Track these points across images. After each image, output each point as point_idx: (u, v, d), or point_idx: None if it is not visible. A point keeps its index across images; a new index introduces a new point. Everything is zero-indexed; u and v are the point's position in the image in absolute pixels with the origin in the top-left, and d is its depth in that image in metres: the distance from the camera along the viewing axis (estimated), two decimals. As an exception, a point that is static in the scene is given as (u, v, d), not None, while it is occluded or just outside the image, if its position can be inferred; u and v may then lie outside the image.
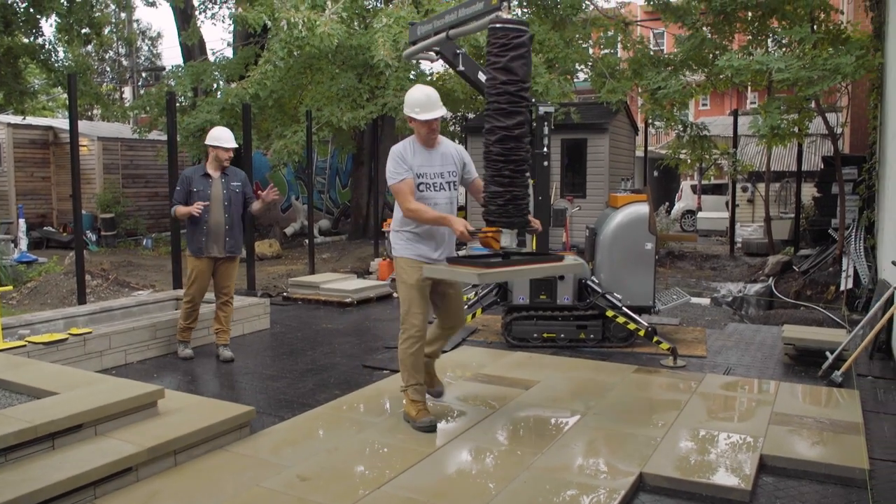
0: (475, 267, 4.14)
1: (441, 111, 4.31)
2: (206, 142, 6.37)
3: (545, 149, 6.91)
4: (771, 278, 11.25)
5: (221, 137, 6.32)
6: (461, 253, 5.04)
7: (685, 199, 23.35)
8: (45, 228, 16.51)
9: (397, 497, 3.48)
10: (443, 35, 5.54)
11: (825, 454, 4.05)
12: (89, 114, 23.94)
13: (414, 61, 10.48)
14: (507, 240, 4.34)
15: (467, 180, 4.65)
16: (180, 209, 6.22)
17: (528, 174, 4.54)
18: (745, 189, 19.15)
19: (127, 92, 27.29)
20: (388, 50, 9.96)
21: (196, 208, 6.10)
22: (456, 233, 4.25)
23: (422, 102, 4.27)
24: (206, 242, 6.26)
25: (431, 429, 4.33)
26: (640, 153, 17.82)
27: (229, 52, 16.16)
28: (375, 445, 4.19)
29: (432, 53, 6.08)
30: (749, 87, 25.31)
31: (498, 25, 4.32)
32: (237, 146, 6.40)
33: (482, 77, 5.76)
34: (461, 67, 6.03)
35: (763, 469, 3.93)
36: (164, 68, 22.93)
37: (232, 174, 6.43)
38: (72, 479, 3.34)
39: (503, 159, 4.32)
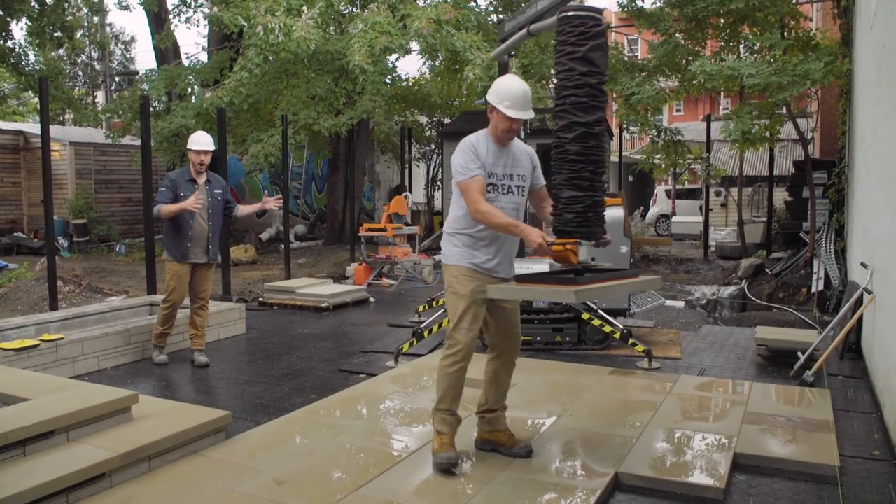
0: (562, 284, 3.67)
1: (531, 114, 3.87)
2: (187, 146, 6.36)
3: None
4: (744, 281, 11.39)
5: (193, 140, 6.30)
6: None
7: (660, 203, 23.59)
8: (15, 234, 16.27)
9: (375, 499, 3.47)
10: (524, 31, 5.31)
11: (797, 452, 4.10)
12: (61, 118, 23.65)
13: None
14: (584, 253, 3.84)
15: (534, 187, 4.10)
16: (168, 207, 6.08)
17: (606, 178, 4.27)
18: (718, 193, 19.39)
19: (100, 96, 26.99)
20: (363, 55, 9.97)
21: (193, 204, 6.03)
22: (532, 244, 3.67)
23: (517, 98, 3.77)
24: (190, 249, 6.21)
25: (447, 469, 3.75)
26: (614, 158, 17.98)
27: (204, 57, 16.04)
28: (352, 449, 4.18)
29: None
30: (722, 94, 25.66)
31: (572, 13, 3.94)
32: (211, 149, 6.34)
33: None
34: None
35: (736, 467, 3.97)
36: (137, 73, 22.73)
37: (214, 181, 6.40)
38: (43, 486, 3.29)
39: (583, 159, 3.86)
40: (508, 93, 3.79)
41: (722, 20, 11.77)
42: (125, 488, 3.59)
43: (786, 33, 10.98)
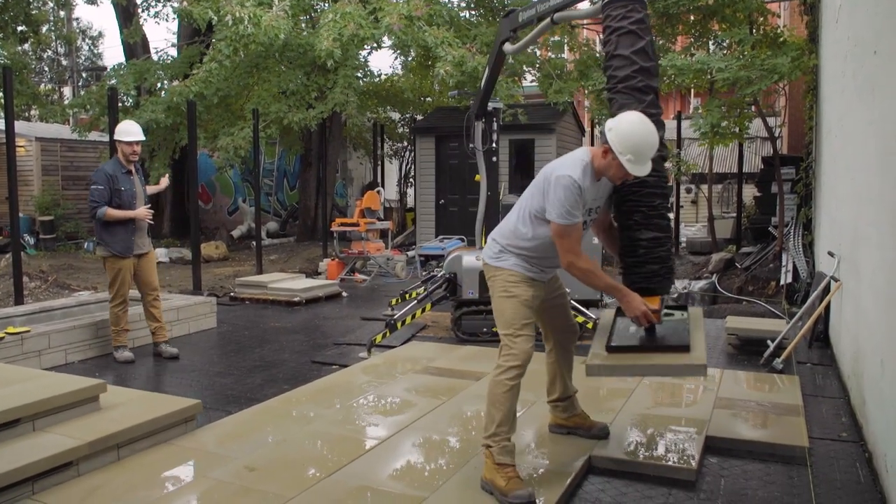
0: (675, 353, 3.36)
1: (649, 168, 3.36)
2: (115, 136, 6.19)
3: (493, 144, 6.97)
4: (714, 275, 11.53)
5: (122, 130, 6.08)
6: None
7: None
8: (-23, 232, 15.92)
9: (348, 485, 3.44)
10: (547, 21, 5.10)
11: (767, 435, 4.15)
12: (27, 114, 23.20)
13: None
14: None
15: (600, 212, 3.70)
16: (114, 212, 5.91)
17: None
18: (688, 191, 19.58)
19: (66, 92, 26.54)
20: (330, 42, 9.89)
21: (146, 213, 6.07)
22: (633, 312, 3.44)
23: (643, 154, 3.29)
24: (135, 241, 6.09)
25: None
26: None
27: (174, 52, 15.85)
28: (325, 436, 4.14)
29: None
30: (692, 92, 25.93)
31: None
32: (143, 139, 6.19)
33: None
34: None
35: (708, 450, 4.01)
36: (105, 68, 22.39)
37: (137, 169, 6.30)
38: (7, 474, 3.22)
39: (660, 192, 3.55)
40: (635, 145, 3.26)
41: (692, 16, 11.90)
42: (93, 477, 3.53)
43: (754, 30, 11.12)
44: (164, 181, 7.22)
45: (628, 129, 3.29)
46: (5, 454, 3.39)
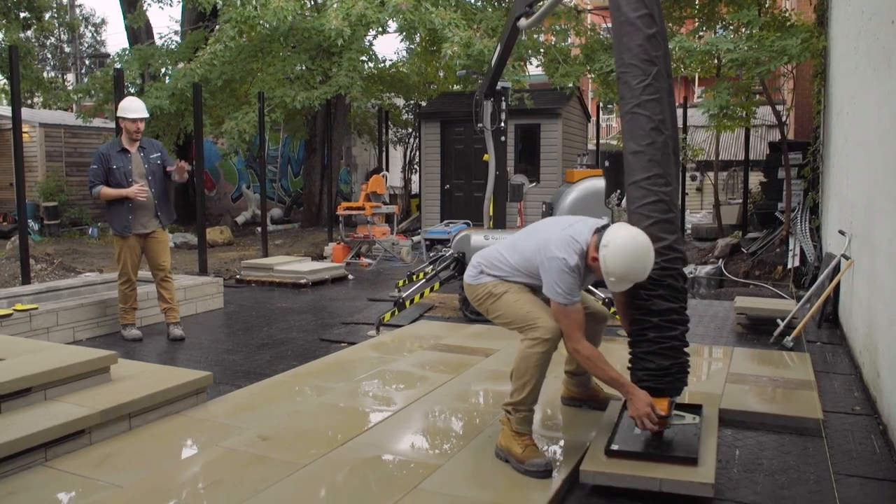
0: (681, 465, 3.10)
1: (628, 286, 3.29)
2: (118, 113, 6.11)
3: (502, 124, 6.94)
4: (720, 260, 11.48)
5: (124, 107, 6.00)
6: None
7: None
8: (-18, 219, 15.91)
9: (362, 453, 3.43)
10: None
11: (781, 408, 4.13)
12: (30, 101, 23.15)
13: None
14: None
15: None
16: (107, 191, 5.87)
17: None
18: (693, 178, 19.52)
19: (70, 79, 26.48)
20: (339, 20, 9.84)
21: (137, 191, 5.85)
22: (636, 411, 3.23)
23: (624, 279, 3.18)
24: (133, 220, 5.97)
25: (547, 474, 3.15)
26: (591, 146, 18.01)
27: (177, 38, 15.79)
28: (337, 408, 4.13)
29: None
30: (697, 80, 25.84)
31: None
32: (146, 116, 6.10)
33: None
34: None
35: (722, 423, 3.98)
36: (108, 55, 22.32)
37: (149, 147, 6.16)
38: (20, 441, 3.22)
39: (679, 254, 3.40)
40: (622, 273, 3.14)
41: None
42: (105, 445, 3.52)
43: (761, 13, 11.04)
44: (184, 165, 6.35)
45: (620, 255, 3.11)
46: (18, 421, 3.38)
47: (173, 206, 6.36)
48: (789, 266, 9.89)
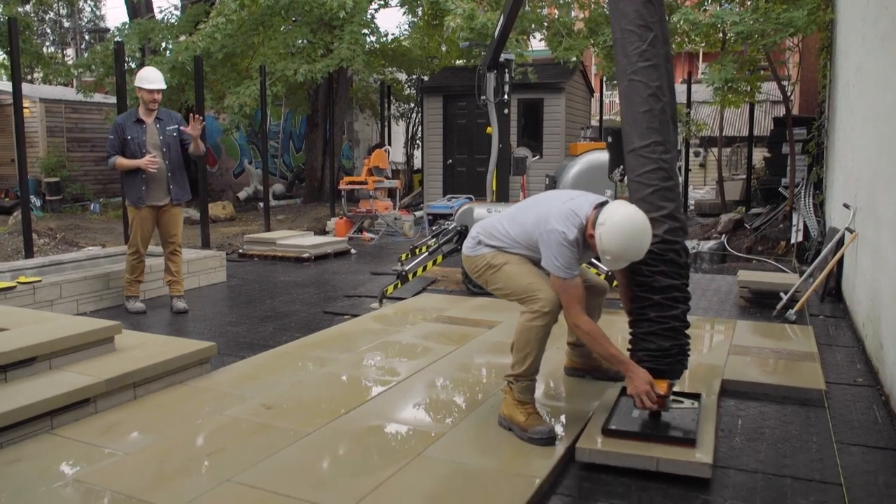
0: (679, 446, 3.06)
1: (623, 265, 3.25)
2: (136, 83, 6.05)
3: (505, 96, 6.89)
4: (723, 235, 11.46)
5: (142, 77, 5.96)
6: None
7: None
8: (-16, 194, 15.89)
9: (365, 421, 3.45)
10: None
11: (783, 379, 4.14)
12: (30, 77, 23.01)
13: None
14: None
15: None
16: (122, 161, 5.86)
17: None
18: (696, 154, 19.44)
19: (70, 54, 26.31)
20: None
21: (148, 162, 5.81)
22: (635, 389, 3.19)
23: (619, 258, 3.13)
24: (147, 192, 5.95)
25: (551, 441, 3.18)
26: (594, 122, 17.91)
27: (178, 13, 15.66)
28: (341, 378, 4.14)
29: None
30: (701, 56, 25.62)
31: None
32: (164, 87, 6.05)
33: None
34: None
35: (725, 393, 4.00)
36: (108, 30, 22.15)
37: (167, 118, 6.10)
38: (26, 408, 3.23)
39: (679, 223, 3.34)
40: (617, 252, 3.09)
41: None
42: (110, 414, 3.54)
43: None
44: (194, 125, 6.04)
45: (616, 234, 3.05)
46: (24, 390, 3.40)
47: (188, 182, 6.31)
48: (792, 241, 9.87)
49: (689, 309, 3.38)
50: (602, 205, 3.23)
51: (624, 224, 3.06)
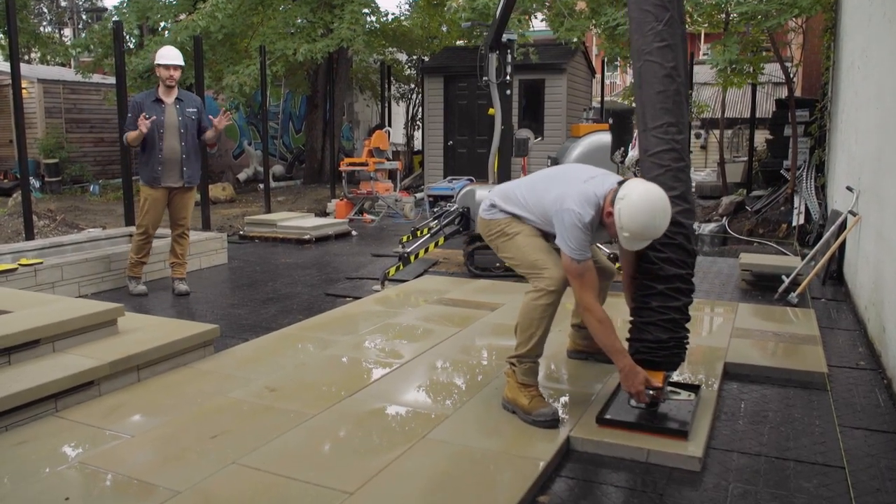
0: (671, 438, 3.06)
1: (642, 246, 3.18)
2: (155, 60, 6.05)
3: (507, 77, 6.85)
4: (724, 218, 11.44)
5: (160, 54, 5.96)
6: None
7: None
8: (-18, 176, 15.83)
9: (369, 403, 3.45)
10: None
11: (786, 362, 4.15)
12: (27, 57, 22.86)
13: None
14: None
15: None
16: (130, 134, 5.85)
17: None
18: (697, 136, 19.34)
19: (67, 34, 26.10)
20: None
21: (143, 124, 5.67)
22: (631, 388, 3.18)
23: (639, 236, 3.05)
24: (162, 172, 5.93)
25: (554, 424, 3.18)
26: (595, 103, 17.81)
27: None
28: (344, 360, 4.15)
29: None
30: (703, 37, 25.45)
31: None
32: (182, 64, 6.01)
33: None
34: None
35: (727, 376, 4.01)
36: (105, 9, 21.97)
37: (187, 100, 6.09)
38: (31, 391, 3.23)
39: (689, 205, 3.29)
40: (637, 229, 3.01)
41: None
42: (114, 396, 3.54)
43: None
44: (221, 119, 6.08)
45: (636, 210, 2.99)
46: (28, 372, 3.40)
47: (200, 166, 6.31)
48: (794, 224, 9.86)
49: (692, 302, 3.36)
50: (621, 184, 3.20)
51: (644, 200, 2.99)
